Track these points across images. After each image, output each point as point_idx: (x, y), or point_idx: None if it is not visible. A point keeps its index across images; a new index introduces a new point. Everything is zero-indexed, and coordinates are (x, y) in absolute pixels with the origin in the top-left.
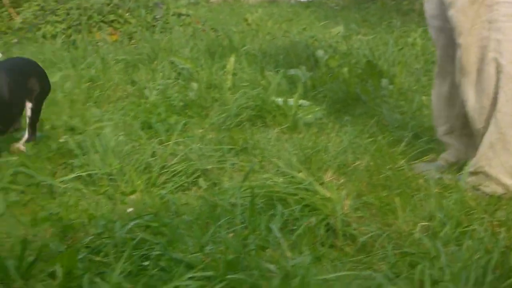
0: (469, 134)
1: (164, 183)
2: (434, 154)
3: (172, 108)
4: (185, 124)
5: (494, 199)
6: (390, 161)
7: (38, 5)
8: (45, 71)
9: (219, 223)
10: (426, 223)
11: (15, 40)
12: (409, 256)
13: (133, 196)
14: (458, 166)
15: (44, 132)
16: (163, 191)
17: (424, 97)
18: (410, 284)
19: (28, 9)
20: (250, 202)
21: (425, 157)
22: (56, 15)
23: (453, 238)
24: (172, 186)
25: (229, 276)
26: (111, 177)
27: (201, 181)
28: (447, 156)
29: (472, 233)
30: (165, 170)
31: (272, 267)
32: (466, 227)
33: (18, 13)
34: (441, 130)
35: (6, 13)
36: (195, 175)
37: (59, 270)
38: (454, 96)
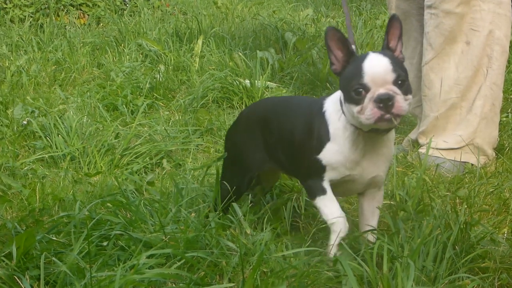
0: None
1: (128, 164)
2: (400, 135)
3: (139, 91)
4: (151, 106)
5: (457, 178)
6: None
7: None
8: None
9: (180, 203)
10: (388, 202)
11: None
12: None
13: (95, 177)
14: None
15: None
16: (126, 172)
17: None
18: (369, 260)
19: None
20: (215, 182)
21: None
22: None
23: (414, 215)
24: (135, 167)
25: (187, 254)
26: (73, 158)
27: (164, 162)
28: (413, 135)
29: (433, 210)
30: (129, 152)
31: (231, 244)
32: (427, 204)
33: None
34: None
35: None
36: (159, 156)
37: (14, 251)
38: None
